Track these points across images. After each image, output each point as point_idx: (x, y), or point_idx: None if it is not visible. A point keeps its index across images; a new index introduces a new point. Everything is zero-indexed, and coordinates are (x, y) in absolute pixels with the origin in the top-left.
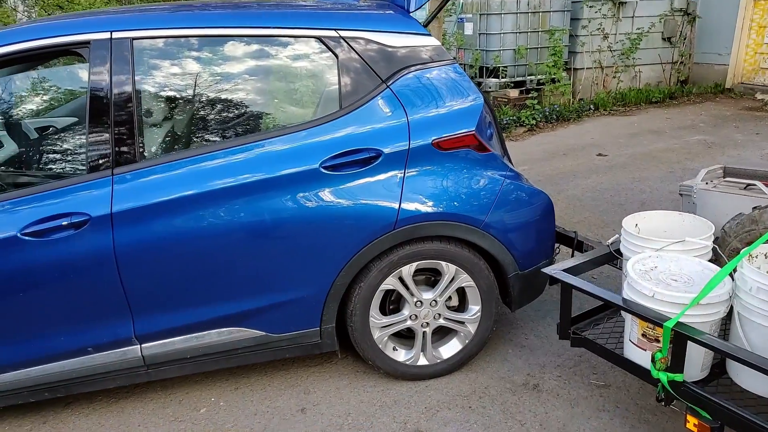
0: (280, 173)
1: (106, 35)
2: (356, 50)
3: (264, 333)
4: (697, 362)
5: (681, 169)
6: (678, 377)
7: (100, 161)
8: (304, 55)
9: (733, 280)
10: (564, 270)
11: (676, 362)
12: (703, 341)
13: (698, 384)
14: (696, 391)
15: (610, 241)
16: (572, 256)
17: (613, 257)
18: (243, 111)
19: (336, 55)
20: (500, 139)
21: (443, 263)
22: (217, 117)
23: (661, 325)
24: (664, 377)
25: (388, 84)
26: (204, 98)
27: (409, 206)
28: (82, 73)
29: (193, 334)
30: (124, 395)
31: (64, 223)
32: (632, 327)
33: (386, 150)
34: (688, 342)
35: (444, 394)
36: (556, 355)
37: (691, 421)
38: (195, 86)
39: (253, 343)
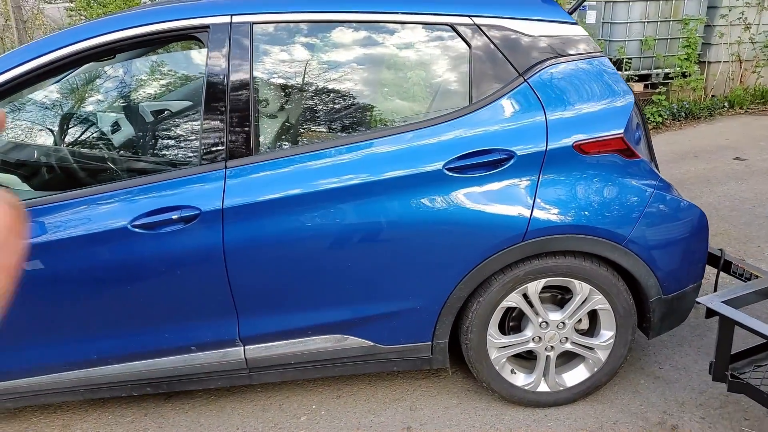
0: (401, 173)
1: (226, 19)
2: (492, 39)
3: (372, 343)
4: None
5: None
6: None
7: (214, 153)
8: (434, 43)
9: None
10: (724, 301)
11: None
12: None
13: None
14: None
15: None
16: (716, 277)
17: None
18: (367, 104)
19: (469, 45)
20: (648, 144)
21: (576, 282)
22: (340, 109)
23: None
24: None
25: (525, 78)
26: (326, 89)
27: (542, 216)
28: (199, 58)
29: (299, 339)
30: (223, 394)
31: (174, 216)
32: None
33: (519, 151)
34: None
35: (566, 427)
36: (698, 392)
37: None
38: (317, 75)
39: (360, 353)
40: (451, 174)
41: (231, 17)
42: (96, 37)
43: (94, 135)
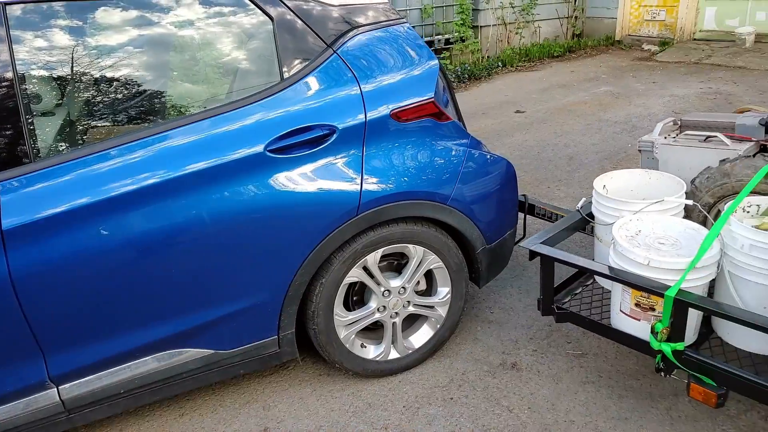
0: (214, 162)
1: None
2: (294, 10)
3: (213, 351)
4: (690, 327)
5: (597, 120)
6: (680, 346)
7: None
8: (234, 17)
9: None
10: (542, 242)
11: (677, 331)
12: (710, 307)
13: (692, 348)
14: (701, 359)
15: (579, 205)
16: (524, 221)
17: (586, 222)
18: (161, 90)
19: (271, 17)
20: (455, 105)
21: (410, 246)
22: (131, 99)
23: (660, 295)
24: (667, 348)
25: (334, 49)
26: (111, 76)
27: (373, 187)
28: None
29: (125, 365)
30: None
31: None
32: (623, 297)
33: (340, 125)
34: (689, 309)
35: (421, 388)
36: (526, 327)
37: (695, 390)
38: (97, 60)
39: (200, 364)
40: (273, 156)
41: None
42: None
43: None
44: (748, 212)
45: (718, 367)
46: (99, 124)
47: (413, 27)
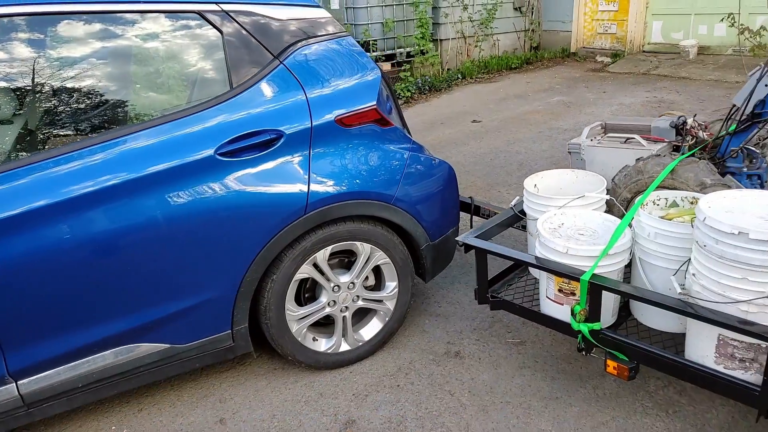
0: (168, 165)
1: None
2: (242, 25)
3: (169, 345)
4: (608, 309)
5: (548, 128)
6: (596, 326)
7: None
8: (184, 32)
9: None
10: (476, 236)
11: (594, 312)
12: (618, 289)
13: (610, 329)
14: (614, 337)
15: (513, 203)
16: (471, 221)
17: (519, 218)
18: (120, 100)
19: (220, 31)
20: (398, 112)
21: (358, 243)
22: (92, 107)
23: (577, 279)
24: (585, 328)
25: (281, 60)
26: (71, 86)
27: (319, 188)
28: None
29: (84, 359)
30: None
31: None
32: (548, 284)
33: (287, 130)
34: (603, 291)
35: (370, 377)
36: (471, 319)
37: (611, 365)
38: (60, 74)
39: (157, 358)
40: (224, 159)
41: None
42: None
43: None
44: (658, 205)
45: (628, 343)
46: (58, 133)
47: (376, 40)
